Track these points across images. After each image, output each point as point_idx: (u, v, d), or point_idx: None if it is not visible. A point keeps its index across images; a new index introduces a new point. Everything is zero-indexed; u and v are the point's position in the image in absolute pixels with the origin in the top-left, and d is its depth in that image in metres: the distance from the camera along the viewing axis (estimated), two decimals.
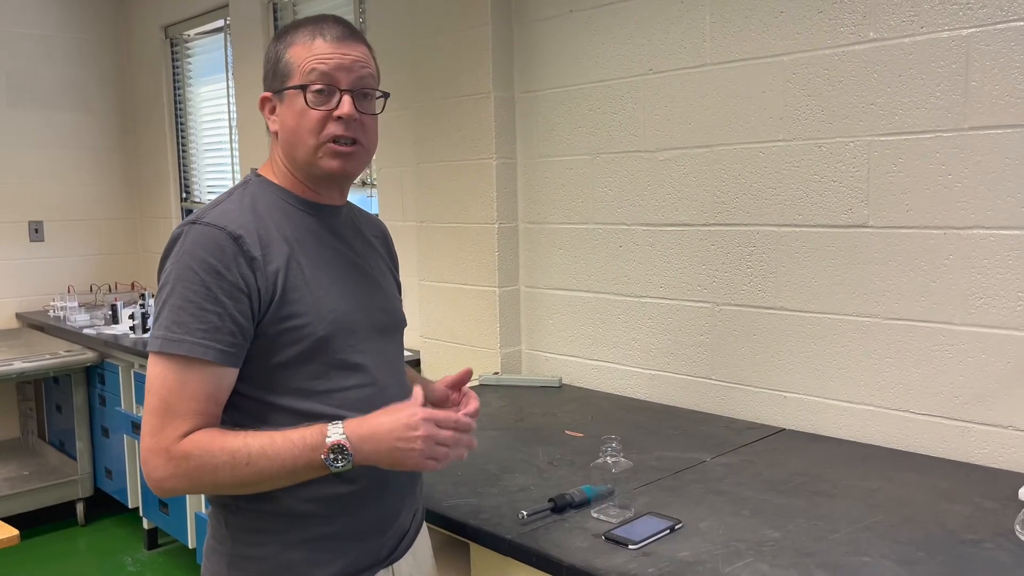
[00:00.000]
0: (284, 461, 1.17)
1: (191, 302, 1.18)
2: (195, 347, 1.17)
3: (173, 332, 1.17)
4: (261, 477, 1.17)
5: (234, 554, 1.28)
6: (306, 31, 1.30)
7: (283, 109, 1.32)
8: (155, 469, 1.17)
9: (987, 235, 1.78)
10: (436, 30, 2.83)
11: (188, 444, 1.16)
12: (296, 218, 1.32)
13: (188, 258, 1.19)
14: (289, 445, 1.17)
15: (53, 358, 3.79)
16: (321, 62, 1.28)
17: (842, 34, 1.96)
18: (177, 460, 1.16)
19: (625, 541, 1.42)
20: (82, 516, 4.02)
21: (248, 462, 1.16)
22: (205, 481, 1.18)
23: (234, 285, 1.19)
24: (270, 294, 1.22)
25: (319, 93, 1.28)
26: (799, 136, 2.05)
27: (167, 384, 1.18)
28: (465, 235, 2.82)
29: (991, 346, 1.79)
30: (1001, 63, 1.73)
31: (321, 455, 1.16)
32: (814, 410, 2.08)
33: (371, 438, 1.18)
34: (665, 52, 2.32)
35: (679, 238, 2.34)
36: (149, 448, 1.18)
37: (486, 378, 2.68)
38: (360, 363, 1.31)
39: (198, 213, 1.26)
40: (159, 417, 1.17)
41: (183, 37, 4.63)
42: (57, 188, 4.76)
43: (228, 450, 1.16)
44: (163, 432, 1.17)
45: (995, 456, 1.80)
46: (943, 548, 1.39)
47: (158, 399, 1.18)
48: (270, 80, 1.34)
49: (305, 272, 1.27)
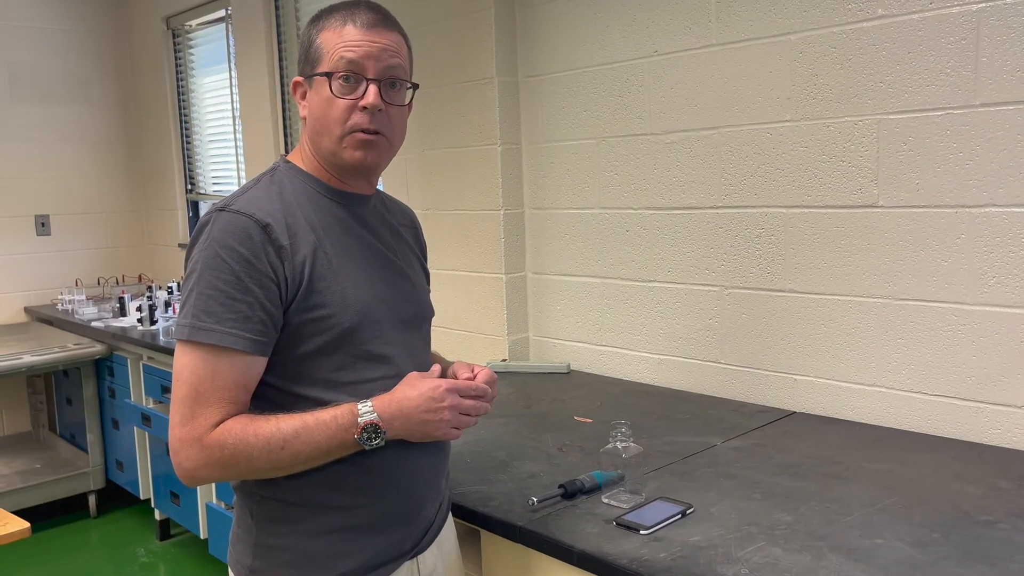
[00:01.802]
0: (319, 443, 1.18)
1: (221, 291, 1.17)
2: (225, 336, 1.16)
3: (203, 321, 1.16)
4: (296, 460, 1.19)
5: (258, 543, 1.28)
6: (338, 16, 1.28)
7: (312, 95, 1.30)
8: (187, 459, 1.17)
9: (1000, 213, 1.76)
10: (438, 15, 2.80)
11: (221, 433, 1.16)
12: (324, 206, 1.30)
13: (216, 246, 1.18)
14: (322, 427, 1.18)
15: (62, 351, 3.80)
16: (349, 49, 1.25)
17: (850, 11, 1.93)
18: (211, 449, 1.16)
19: (636, 526, 1.41)
20: (94, 508, 4.05)
21: (283, 446, 1.17)
22: (240, 468, 1.19)
23: (263, 274, 1.19)
24: (297, 283, 1.21)
25: (345, 81, 1.25)
26: (807, 116, 2.03)
27: (197, 373, 1.17)
28: (471, 222, 2.81)
29: (1004, 325, 1.77)
30: (1012, 38, 1.70)
31: (354, 435, 1.19)
32: (825, 392, 2.07)
33: (400, 414, 1.21)
34: (670, 33, 2.29)
35: (686, 221, 2.32)
36: (180, 438, 1.17)
37: (494, 365, 2.68)
38: (385, 354, 1.30)
39: (226, 200, 1.24)
40: (189, 406, 1.17)
41: (184, 28, 4.61)
42: (62, 182, 4.76)
43: (262, 436, 1.17)
44: (194, 421, 1.16)
45: (1009, 436, 1.78)
46: (957, 529, 1.37)
47: (188, 388, 1.17)
48: (302, 64, 1.32)
49: (332, 262, 1.26)
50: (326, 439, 1.18)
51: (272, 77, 3.88)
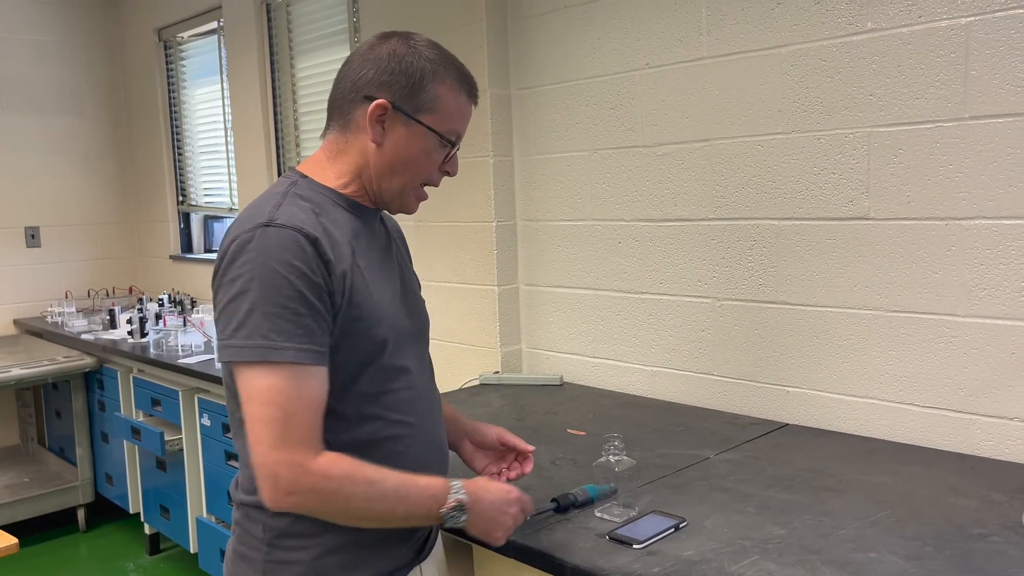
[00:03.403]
0: (409, 505, 1.21)
1: (286, 307, 1.15)
2: (300, 353, 1.15)
3: (274, 340, 1.14)
4: (384, 516, 1.21)
5: (268, 560, 1.26)
6: (455, 77, 1.29)
7: (403, 134, 1.28)
8: (287, 482, 1.14)
9: (990, 225, 1.76)
10: (430, 27, 2.81)
11: (329, 464, 1.15)
12: (349, 221, 1.29)
13: (271, 261, 1.15)
14: (417, 491, 1.21)
15: (52, 364, 3.78)
16: (463, 124, 1.33)
17: (840, 25, 1.94)
18: (316, 477, 1.14)
19: (629, 540, 1.41)
20: (83, 522, 4.01)
21: (382, 497, 1.18)
22: (337, 505, 1.17)
23: (320, 287, 1.18)
24: (340, 297, 1.21)
25: (443, 146, 1.31)
26: (798, 128, 2.04)
27: (284, 393, 1.14)
28: (463, 234, 2.80)
29: (995, 337, 1.78)
30: (1001, 51, 1.71)
31: (442, 509, 1.22)
32: (817, 404, 2.07)
33: (479, 503, 1.26)
34: (661, 46, 2.30)
35: (678, 233, 2.33)
36: (278, 461, 1.13)
37: (486, 377, 2.67)
38: (407, 366, 1.32)
39: (263, 215, 1.19)
40: (281, 428, 1.13)
41: (176, 39, 4.61)
42: (53, 193, 4.74)
43: (368, 480, 1.17)
44: (293, 446, 1.13)
45: (1001, 448, 1.78)
46: (951, 542, 1.37)
47: (276, 409, 1.14)
48: (400, 94, 1.26)
49: (364, 275, 1.26)
50: (416, 504, 1.21)
51: (264, 89, 3.88)
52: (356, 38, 3.40)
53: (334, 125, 1.32)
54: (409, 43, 1.28)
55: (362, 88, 1.27)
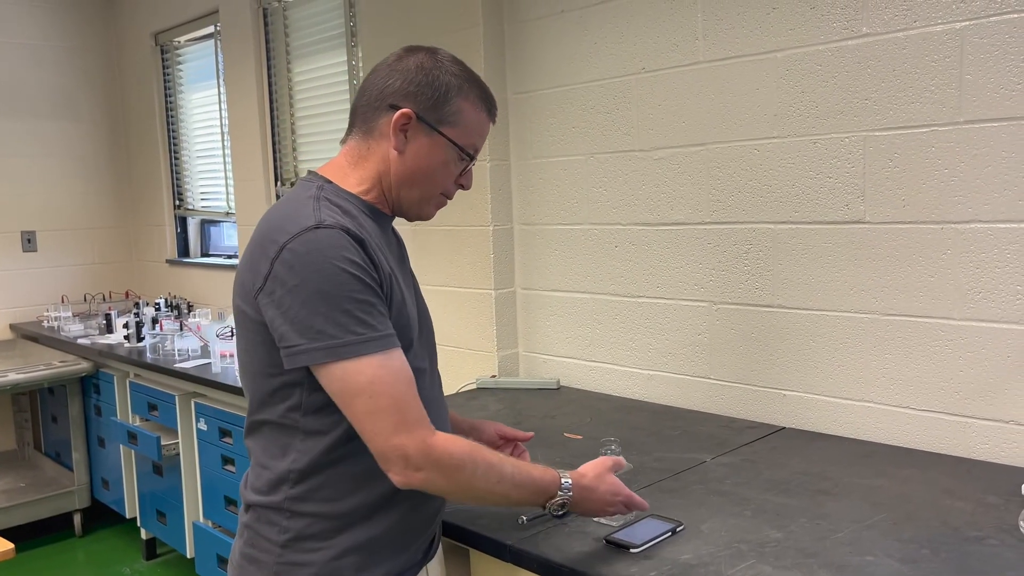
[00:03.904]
0: (522, 493, 1.29)
1: (358, 301, 1.18)
2: (385, 339, 1.19)
3: (359, 333, 1.17)
4: (497, 498, 1.29)
5: (281, 562, 1.27)
6: (478, 95, 1.34)
7: (423, 143, 1.31)
8: (416, 459, 1.18)
9: (985, 229, 1.77)
10: (427, 31, 2.81)
11: (447, 441, 1.21)
12: (373, 227, 1.32)
13: (333, 260, 1.17)
14: (531, 482, 1.29)
15: (48, 369, 3.77)
16: (482, 139, 1.37)
17: (835, 29, 1.95)
18: (440, 452, 1.19)
19: (627, 545, 1.41)
20: (79, 527, 4.00)
21: (500, 480, 1.25)
22: (461, 481, 1.22)
23: (375, 282, 1.21)
24: (386, 297, 1.24)
25: (462, 159, 1.35)
26: (794, 133, 2.04)
27: (387, 381, 1.18)
28: (460, 237, 2.81)
29: (991, 340, 1.78)
30: (996, 56, 1.72)
31: (547, 505, 1.32)
32: (814, 408, 2.07)
33: (583, 502, 1.36)
34: (658, 51, 2.31)
35: (675, 237, 2.33)
36: (404, 443, 1.17)
37: (483, 381, 2.67)
38: (424, 368, 1.35)
39: (306, 218, 1.20)
40: (397, 414, 1.18)
41: (173, 44, 4.61)
42: (49, 198, 4.74)
43: (488, 462, 1.24)
44: (412, 427, 1.18)
45: (997, 451, 1.79)
46: (947, 545, 1.37)
47: (386, 399, 1.17)
48: (424, 105, 1.30)
49: (394, 279, 1.28)
50: (528, 493, 1.30)
51: (261, 93, 3.88)
52: (353, 43, 3.41)
53: (356, 131, 1.35)
54: (436, 58, 1.33)
55: (388, 97, 1.31)
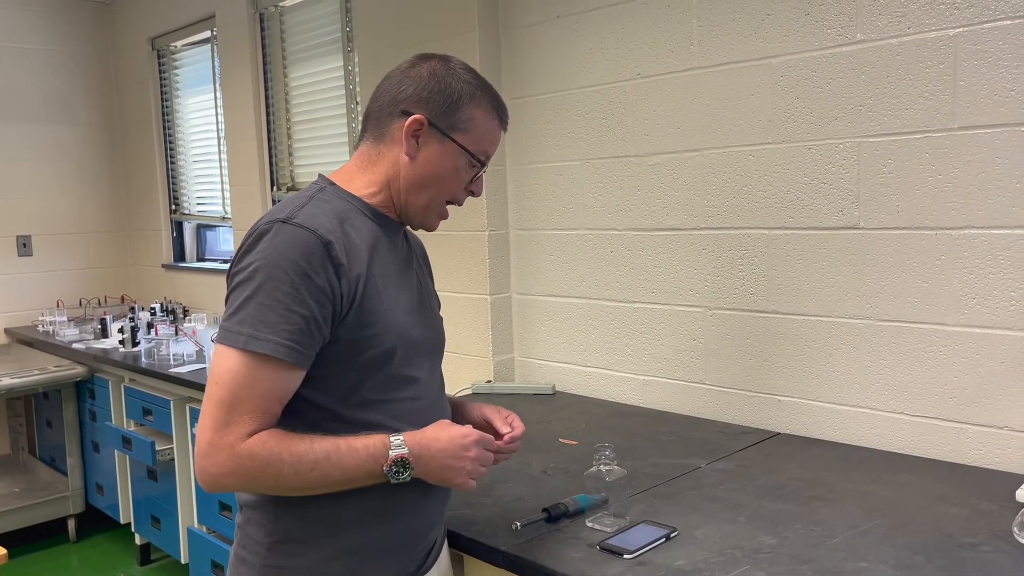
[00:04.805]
0: (346, 469, 1.20)
1: (279, 302, 1.18)
2: (279, 347, 1.17)
3: (260, 331, 1.17)
4: (323, 483, 1.20)
5: (267, 565, 1.27)
6: (490, 102, 1.36)
7: (435, 148, 1.32)
8: (215, 464, 1.16)
9: (979, 235, 1.77)
10: (424, 37, 2.82)
11: (254, 444, 1.17)
12: (372, 230, 1.32)
13: (279, 257, 1.19)
14: (353, 454, 1.20)
15: (42, 373, 3.76)
16: (493, 146, 1.37)
17: (829, 36, 1.95)
18: (241, 458, 1.16)
19: (620, 550, 1.40)
20: (73, 532, 3.99)
21: (313, 468, 1.18)
22: (266, 482, 1.19)
23: (321, 290, 1.20)
24: (350, 302, 1.23)
25: (472, 166, 1.35)
26: (788, 138, 2.05)
27: (238, 379, 1.17)
28: (455, 243, 2.80)
29: (985, 346, 1.78)
30: (989, 62, 1.73)
31: (384, 466, 1.21)
32: (808, 413, 2.07)
33: (426, 455, 1.24)
34: (653, 56, 2.31)
35: (670, 242, 2.33)
36: (211, 443, 1.16)
37: (479, 386, 2.67)
38: (416, 377, 1.34)
39: (285, 212, 1.24)
40: (225, 412, 1.17)
41: (170, 49, 4.61)
42: (45, 202, 4.73)
43: (295, 454, 1.18)
44: (228, 428, 1.16)
45: (991, 457, 1.79)
46: (941, 552, 1.37)
47: (227, 392, 1.17)
48: (437, 111, 1.31)
49: (379, 283, 1.28)
50: (354, 467, 1.20)
51: (257, 98, 3.88)
52: (349, 48, 3.41)
53: (368, 136, 1.36)
54: (448, 65, 1.34)
55: (401, 103, 1.32)
